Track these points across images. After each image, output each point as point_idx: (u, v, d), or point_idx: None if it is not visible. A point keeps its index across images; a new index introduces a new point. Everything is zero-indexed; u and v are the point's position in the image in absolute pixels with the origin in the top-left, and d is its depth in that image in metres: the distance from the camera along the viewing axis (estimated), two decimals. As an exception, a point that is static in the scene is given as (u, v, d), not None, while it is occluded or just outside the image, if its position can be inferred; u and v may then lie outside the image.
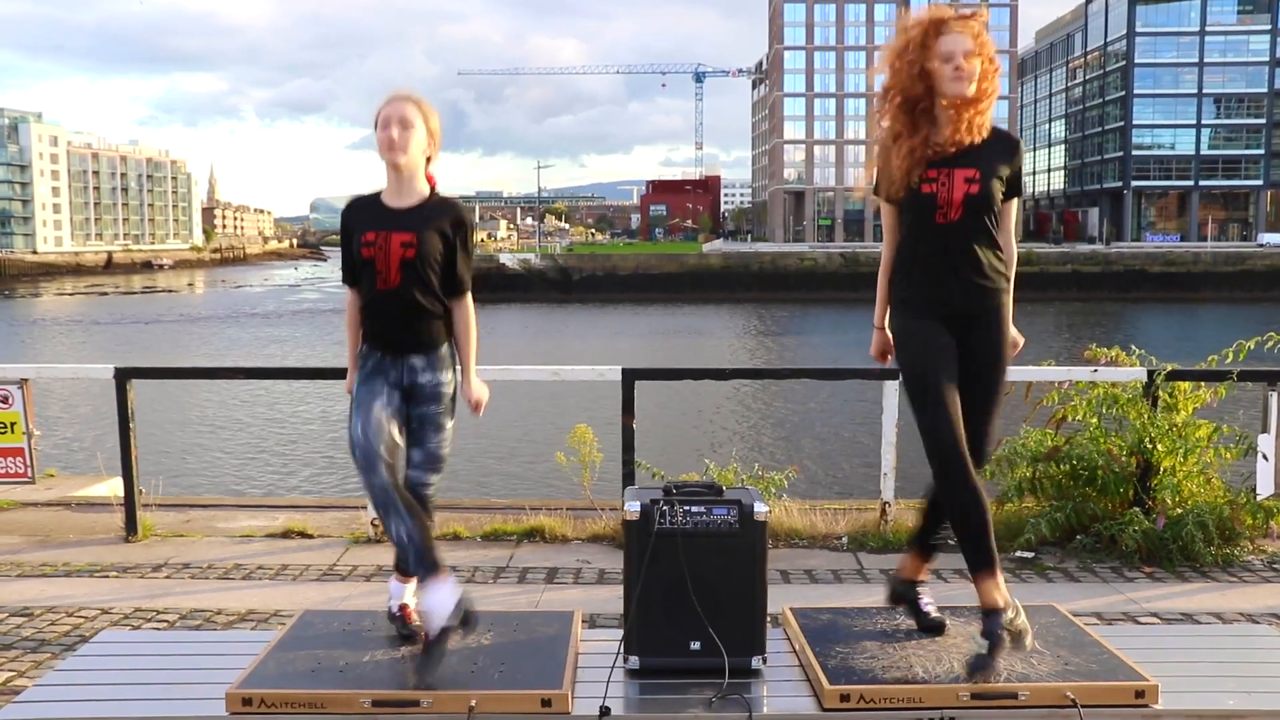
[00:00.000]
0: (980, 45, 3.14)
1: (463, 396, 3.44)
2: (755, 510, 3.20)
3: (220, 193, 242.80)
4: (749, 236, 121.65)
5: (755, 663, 3.19)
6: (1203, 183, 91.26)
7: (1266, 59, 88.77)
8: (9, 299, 76.19)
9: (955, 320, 3.26)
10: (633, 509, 3.19)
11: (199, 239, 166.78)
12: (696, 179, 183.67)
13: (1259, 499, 5.88)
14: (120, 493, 6.51)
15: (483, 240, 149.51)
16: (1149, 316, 53.01)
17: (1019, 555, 5.77)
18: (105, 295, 79.68)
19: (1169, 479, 5.88)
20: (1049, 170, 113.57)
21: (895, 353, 3.39)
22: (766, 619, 3.25)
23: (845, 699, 2.97)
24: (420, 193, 3.35)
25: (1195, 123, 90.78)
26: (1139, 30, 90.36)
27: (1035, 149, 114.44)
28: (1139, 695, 2.99)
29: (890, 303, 3.40)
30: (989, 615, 3.13)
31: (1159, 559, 5.62)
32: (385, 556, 5.58)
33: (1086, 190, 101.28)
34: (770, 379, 26.75)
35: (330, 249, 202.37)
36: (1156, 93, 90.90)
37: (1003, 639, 3.10)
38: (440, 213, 3.33)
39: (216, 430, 20.46)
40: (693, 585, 3.13)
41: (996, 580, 3.13)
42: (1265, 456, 5.88)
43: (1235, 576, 5.49)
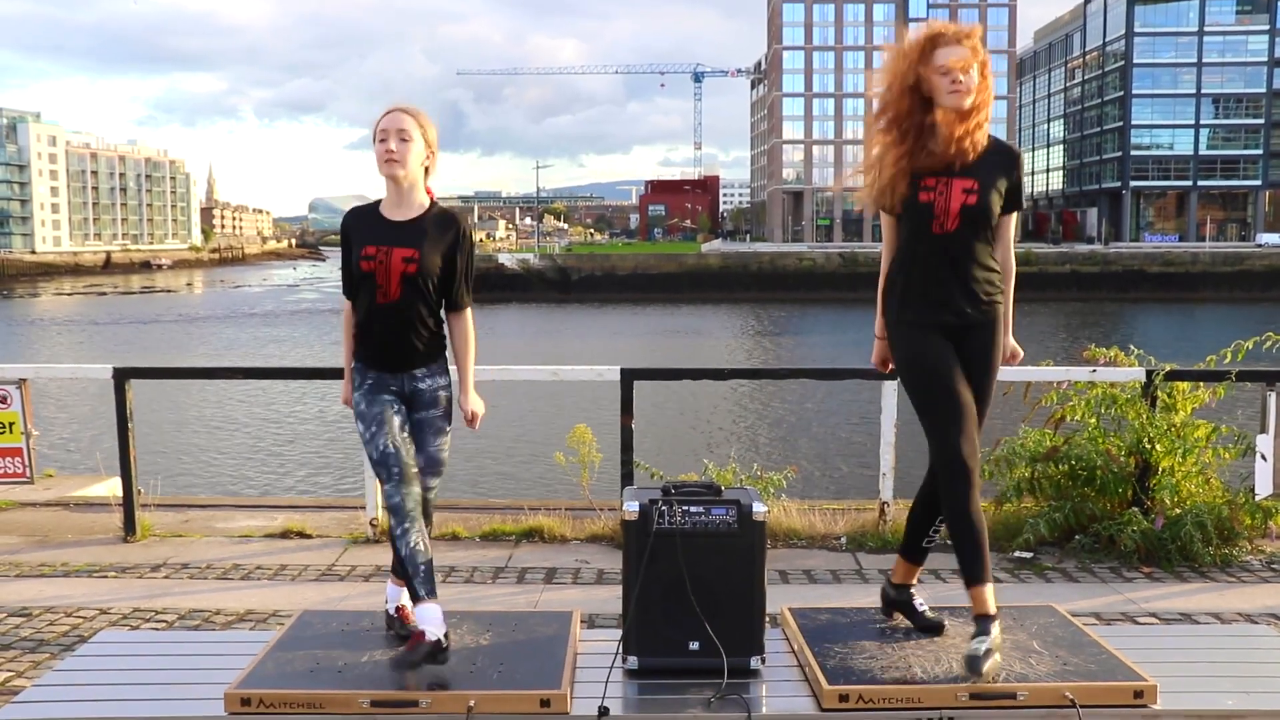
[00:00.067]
0: (977, 58, 3.16)
1: (459, 409, 3.45)
2: (754, 510, 3.20)
3: (219, 193, 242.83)
4: (748, 236, 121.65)
5: (754, 663, 3.19)
6: (1201, 183, 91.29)
7: (1265, 59, 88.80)
8: (7, 299, 76.14)
9: (951, 329, 3.28)
10: (631, 509, 3.19)
11: (197, 239, 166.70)
12: (695, 179, 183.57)
13: (1257, 499, 5.88)
14: (119, 493, 6.51)
15: (481, 240, 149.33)
16: (1147, 316, 53.03)
17: (1018, 555, 5.78)
18: (104, 295, 79.62)
19: (1168, 479, 5.89)
20: (1047, 170, 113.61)
21: (896, 365, 3.39)
22: (765, 619, 3.25)
23: (844, 699, 2.98)
24: (420, 204, 3.34)
25: (1194, 123, 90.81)
26: (1137, 30, 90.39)
27: (1034, 149, 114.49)
28: (1137, 695, 2.99)
29: (886, 313, 3.40)
30: (981, 620, 3.15)
31: (1157, 559, 5.62)
32: (384, 557, 5.58)
33: (1085, 190, 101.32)
34: (769, 379, 26.74)
35: (329, 249, 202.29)
36: (1155, 93, 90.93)
37: (995, 644, 3.11)
38: (442, 226, 3.32)
39: (215, 430, 20.45)
40: (691, 585, 3.14)
41: (987, 590, 3.16)
42: (1264, 456, 5.89)
43: (1234, 577, 5.49)
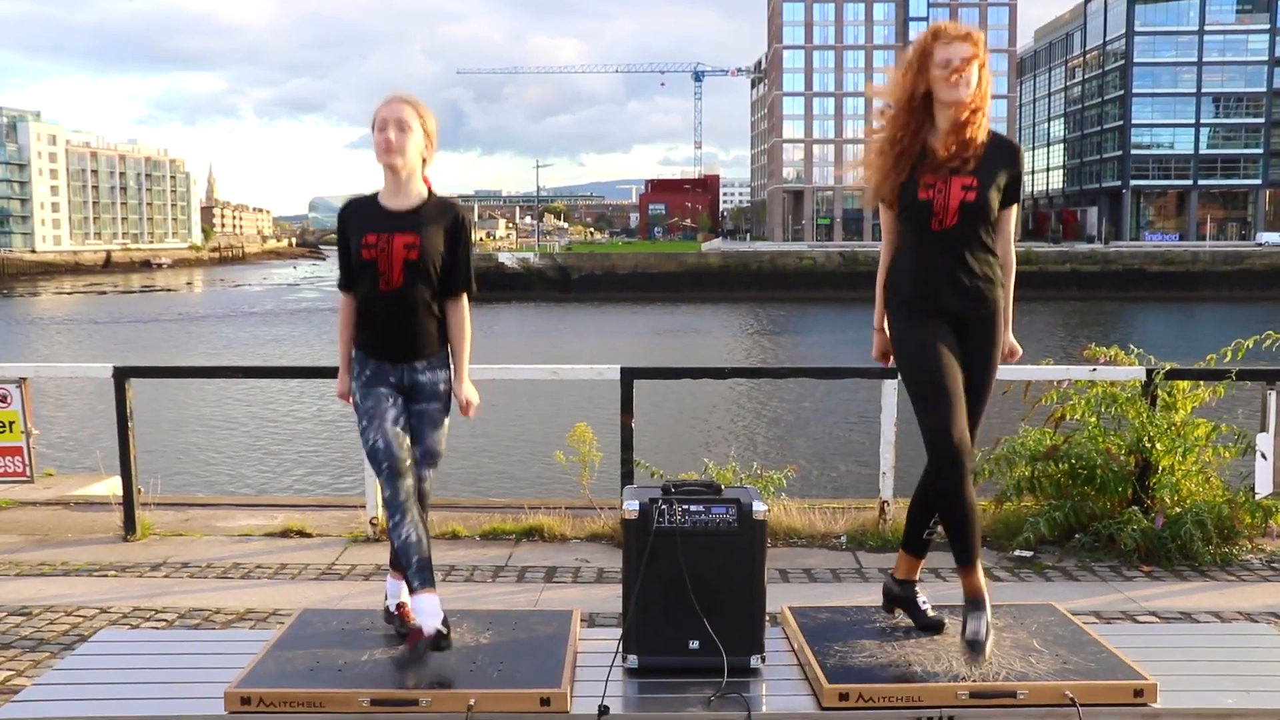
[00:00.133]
0: (977, 54, 3.18)
1: (454, 397, 3.47)
2: (754, 509, 3.20)
3: (219, 192, 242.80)
4: (748, 235, 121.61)
5: (754, 662, 3.19)
6: (1201, 182, 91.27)
7: (1265, 58, 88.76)
8: (7, 298, 76.15)
9: (951, 321, 3.30)
10: (631, 508, 3.19)
11: (198, 238, 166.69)
12: (695, 178, 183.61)
13: (1257, 498, 5.88)
14: (119, 492, 6.51)
15: (481, 239, 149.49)
16: (1148, 315, 53.02)
17: (1018, 554, 5.78)
18: (104, 294, 79.63)
19: (1168, 478, 5.88)
20: (1048, 169, 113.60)
21: (895, 355, 3.41)
22: (765, 618, 3.25)
23: (844, 698, 2.98)
24: (419, 194, 3.36)
25: (1194, 122, 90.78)
26: (1138, 29, 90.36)
27: (1034, 148, 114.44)
28: (1138, 694, 2.99)
29: (887, 305, 3.42)
30: (972, 603, 3.33)
31: (1157, 558, 5.62)
32: (383, 555, 5.56)
33: (1085, 189, 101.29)
34: (769, 378, 26.69)
35: (329, 248, 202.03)
36: (1155, 92, 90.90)
37: (987, 627, 3.27)
38: (440, 214, 3.34)
39: (215, 429, 20.45)
40: (691, 584, 3.14)
41: (977, 573, 3.34)
42: (1264, 455, 5.88)
43: (1234, 575, 5.49)
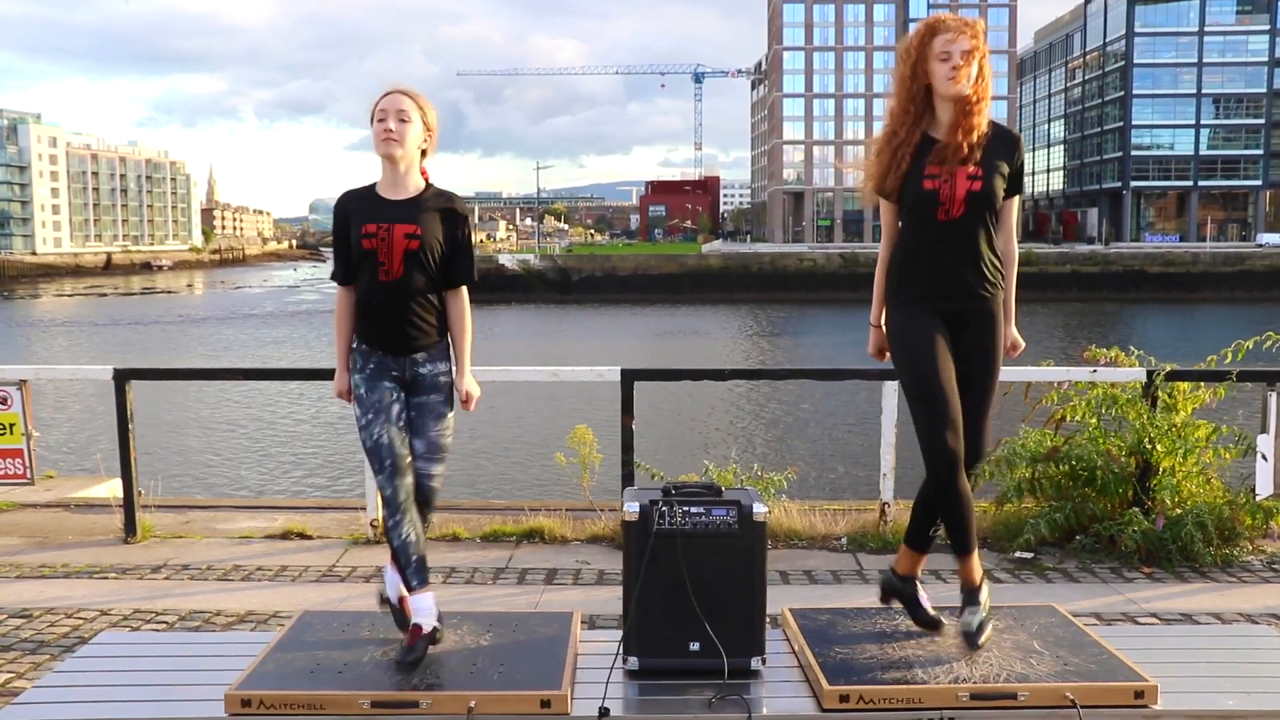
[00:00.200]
0: (977, 46, 3.17)
1: (455, 389, 3.46)
2: (754, 511, 3.20)
3: (219, 194, 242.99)
4: (748, 237, 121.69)
5: (754, 663, 3.19)
6: (1202, 183, 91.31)
7: (1265, 59, 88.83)
8: (8, 300, 76.18)
9: (951, 317, 3.29)
10: (632, 510, 3.19)
11: (198, 240, 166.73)
12: (695, 180, 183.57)
13: (1258, 499, 5.88)
14: (119, 494, 6.51)
15: (482, 241, 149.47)
16: (1148, 317, 53.01)
17: (1018, 555, 5.77)
18: (104, 296, 79.64)
19: (1168, 479, 5.88)
20: (1048, 170, 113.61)
21: (892, 350, 3.40)
22: (766, 620, 3.25)
23: (845, 699, 2.98)
24: (417, 185, 3.36)
25: (1194, 123, 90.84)
26: (1138, 30, 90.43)
27: (1034, 149, 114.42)
28: (1138, 695, 2.99)
29: (887, 300, 3.41)
30: (969, 592, 3.37)
31: (1158, 559, 5.62)
32: (384, 557, 5.56)
33: (1085, 190, 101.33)
34: (769, 379, 26.73)
35: (329, 250, 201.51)
36: (1155, 93, 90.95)
37: (986, 612, 3.32)
38: (440, 204, 3.36)
39: (215, 431, 20.45)
40: (692, 586, 3.14)
41: (974, 562, 3.39)
42: (1264, 456, 5.88)
43: (1234, 577, 5.49)
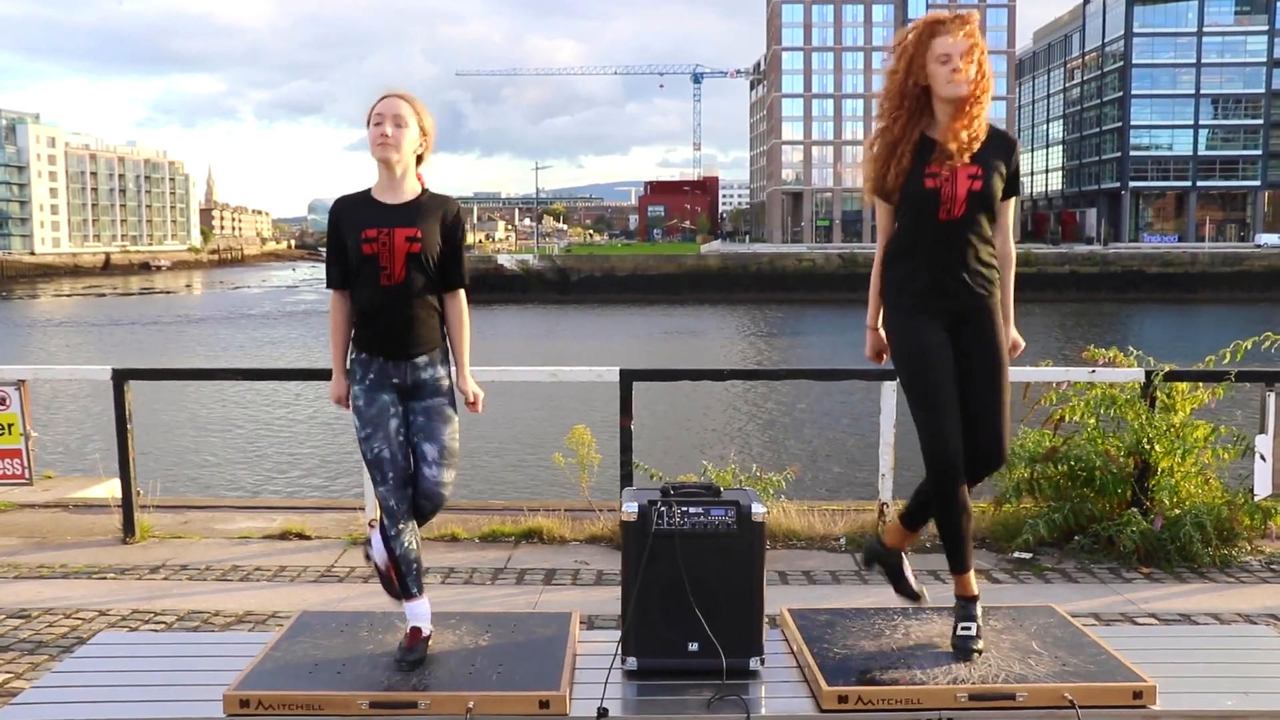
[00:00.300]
0: (976, 42, 3.17)
1: (458, 391, 3.44)
2: (753, 511, 3.20)
3: (218, 194, 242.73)
4: (747, 237, 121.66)
5: (753, 664, 3.19)
6: (1200, 183, 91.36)
7: (1264, 59, 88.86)
8: (6, 300, 76.12)
9: (949, 317, 3.27)
10: (630, 510, 3.19)
11: (197, 240, 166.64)
12: (694, 180, 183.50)
13: (1256, 499, 5.88)
14: (118, 494, 6.51)
15: (480, 241, 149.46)
16: (1147, 317, 53.02)
17: (1017, 556, 5.78)
18: (103, 296, 79.59)
19: (1167, 480, 5.88)
20: (1046, 171, 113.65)
21: (892, 352, 3.39)
22: (764, 620, 3.25)
23: (843, 700, 2.98)
24: (413, 189, 3.35)
25: (1193, 123, 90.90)
26: (1137, 31, 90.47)
27: (1033, 150, 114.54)
28: (1137, 696, 2.99)
29: (885, 301, 3.40)
30: (964, 602, 3.35)
31: (1157, 560, 5.62)
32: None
33: (1084, 191, 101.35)
34: (768, 380, 26.70)
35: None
36: (1154, 93, 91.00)
37: (980, 623, 3.31)
38: (438, 208, 3.35)
39: (214, 431, 20.43)
40: (690, 586, 3.14)
41: (970, 577, 3.38)
42: (1263, 457, 5.89)
43: (1233, 577, 5.49)
